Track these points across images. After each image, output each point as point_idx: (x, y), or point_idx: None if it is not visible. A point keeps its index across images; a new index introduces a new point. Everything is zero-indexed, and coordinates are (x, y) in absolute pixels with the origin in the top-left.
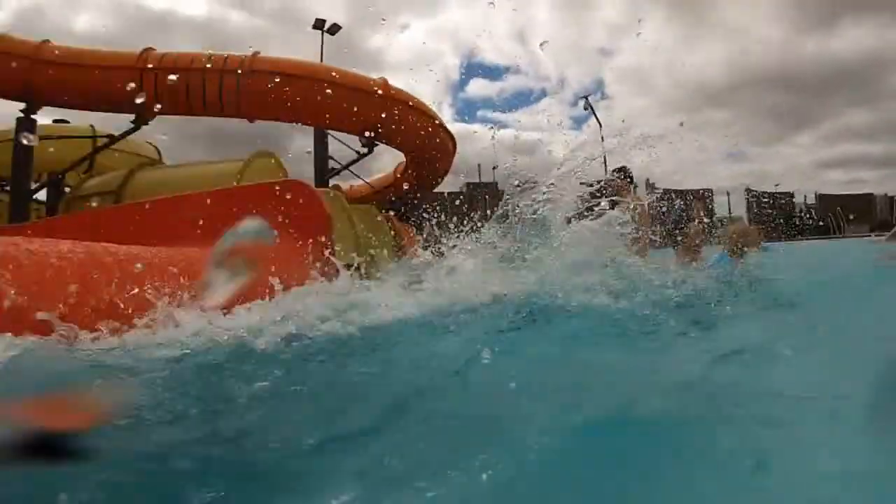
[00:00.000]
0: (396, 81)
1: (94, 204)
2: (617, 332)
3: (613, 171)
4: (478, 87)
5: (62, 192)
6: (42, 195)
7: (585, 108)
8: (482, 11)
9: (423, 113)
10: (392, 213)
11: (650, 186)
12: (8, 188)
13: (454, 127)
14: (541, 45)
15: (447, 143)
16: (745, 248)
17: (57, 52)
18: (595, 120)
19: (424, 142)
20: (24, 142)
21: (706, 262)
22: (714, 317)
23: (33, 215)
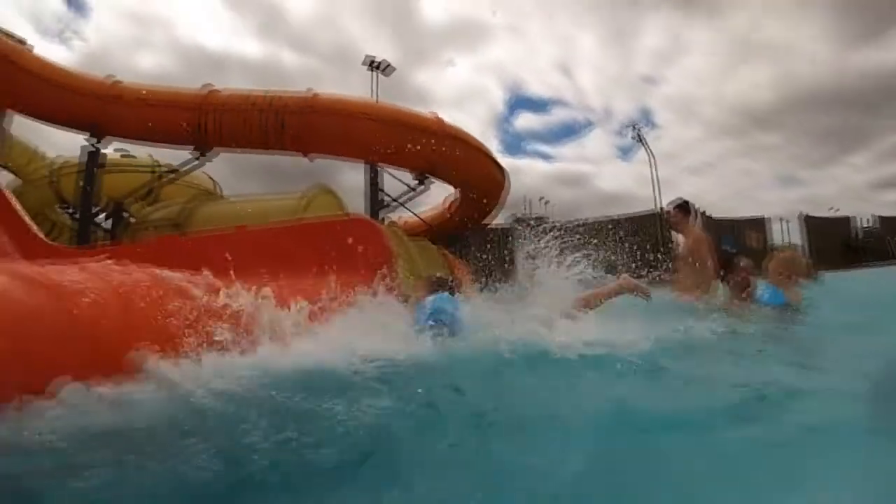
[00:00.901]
0: (444, 117)
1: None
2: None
3: (671, 205)
4: (524, 121)
5: (123, 219)
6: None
7: (634, 139)
8: (526, 46)
9: (475, 148)
10: (444, 246)
11: (701, 216)
12: (74, 214)
13: (501, 161)
14: (633, 130)
15: (499, 177)
16: (795, 280)
17: (123, 88)
18: (644, 149)
19: (476, 176)
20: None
21: (757, 297)
22: None
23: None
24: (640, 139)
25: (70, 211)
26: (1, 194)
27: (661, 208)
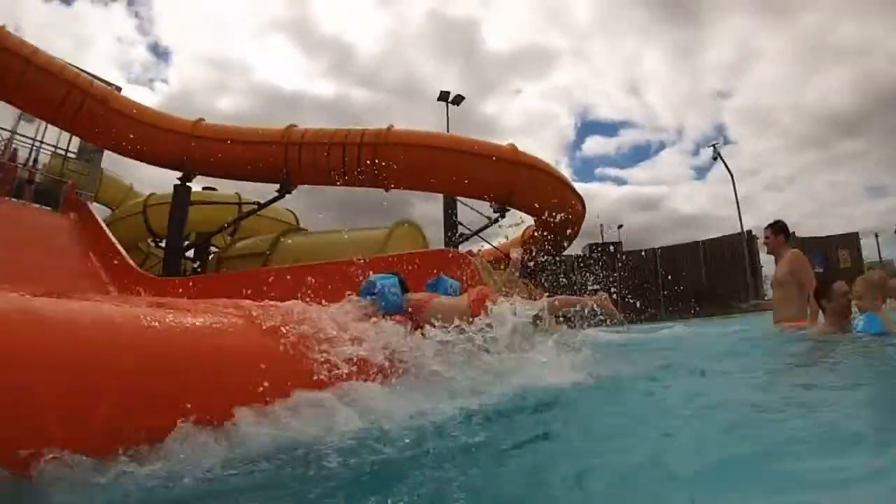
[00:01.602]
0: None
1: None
2: None
3: (767, 227)
4: (594, 145)
5: (208, 251)
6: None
7: (714, 158)
8: (591, 69)
9: (552, 176)
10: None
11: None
12: (163, 245)
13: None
14: (713, 149)
15: (577, 205)
16: (887, 303)
17: (209, 128)
18: (723, 167)
19: (554, 205)
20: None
21: (854, 325)
22: None
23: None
24: (718, 157)
25: (159, 242)
26: (98, 226)
27: (749, 231)
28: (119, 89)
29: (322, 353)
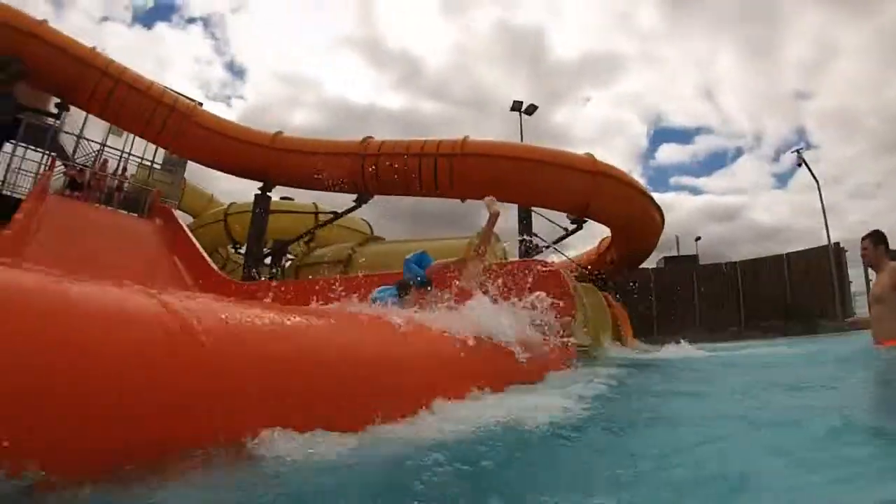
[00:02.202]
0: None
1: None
2: None
3: (865, 238)
4: (668, 153)
5: (284, 258)
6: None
7: (799, 164)
8: (663, 73)
9: (630, 186)
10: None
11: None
12: (241, 251)
13: None
14: (797, 154)
15: (655, 217)
16: None
17: (287, 140)
18: (806, 174)
19: (632, 216)
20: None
21: None
22: None
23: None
24: (803, 163)
25: (238, 248)
26: (182, 231)
27: (837, 243)
28: (200, 104)
29: None
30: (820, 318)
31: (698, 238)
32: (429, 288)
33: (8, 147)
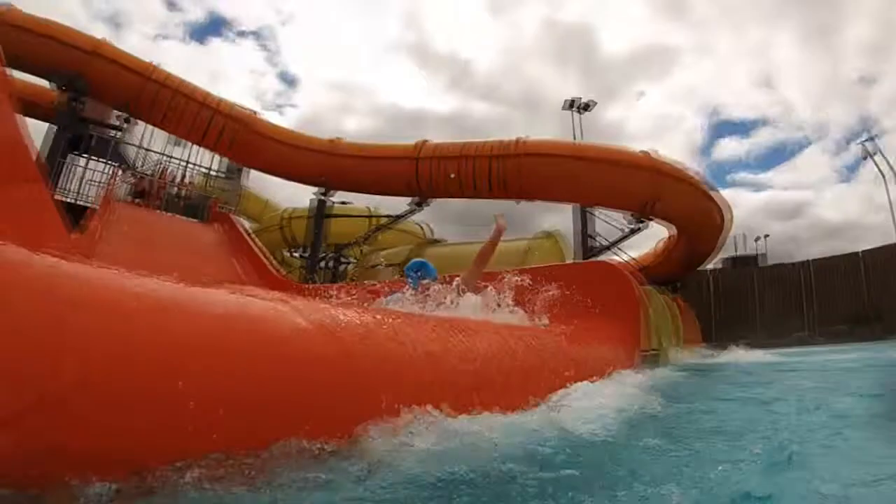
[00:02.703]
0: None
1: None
2: None
3: None
4: (727, 147)
5: (341, 261)
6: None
7: (864, 157)
8: (718, 64)
9: (693, 184)
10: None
11: None
12: (301, 255)
13: None
14: (862, 146)
15: (719, 214)
16: None
17: (345, 146)
18: (874, 166)
19: (694, 214)
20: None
21: None
22: None
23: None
24: (869, 156)
25: (296, 252)
26: (242, 236)
27: None
28: (255, 113)
29: None
30: None
31: (766, 236)
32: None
33: (75, 158)
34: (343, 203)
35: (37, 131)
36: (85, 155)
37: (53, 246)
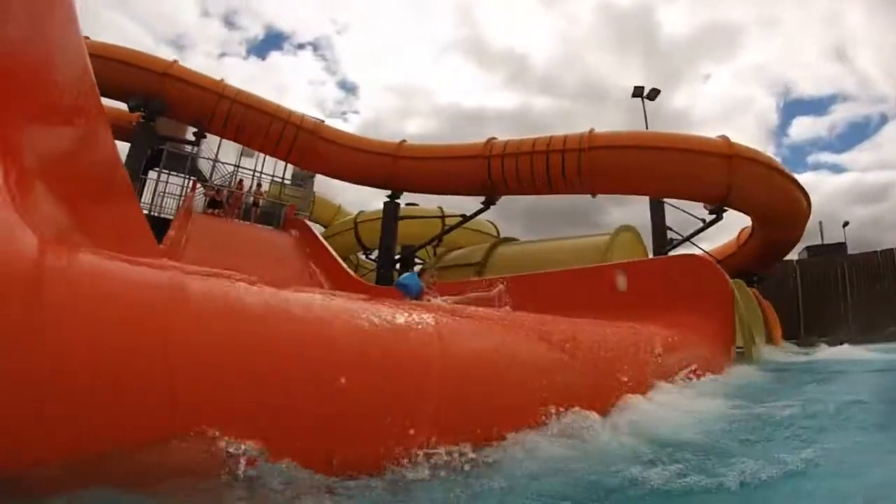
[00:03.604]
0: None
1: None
2: None
3: None
4: (802, 128)
5: (413, 263)
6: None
7: None
8: (786, 38)
9: (773, 170)
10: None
11: None
12: (371, 257)
13: None
14: None
15: (801, 203)
16: None
17: (413, 148)
18: None
19: (776, 203)
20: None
21: None
22: None
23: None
24: None
25: (368, 254)
26: (317, 240)
27: None
28: (322, 122)
29: None
30: None
31: (846, 223)
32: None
33: (153, 174)
34: (409, 205)
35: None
36: (163, 170)
37: (145, 257)
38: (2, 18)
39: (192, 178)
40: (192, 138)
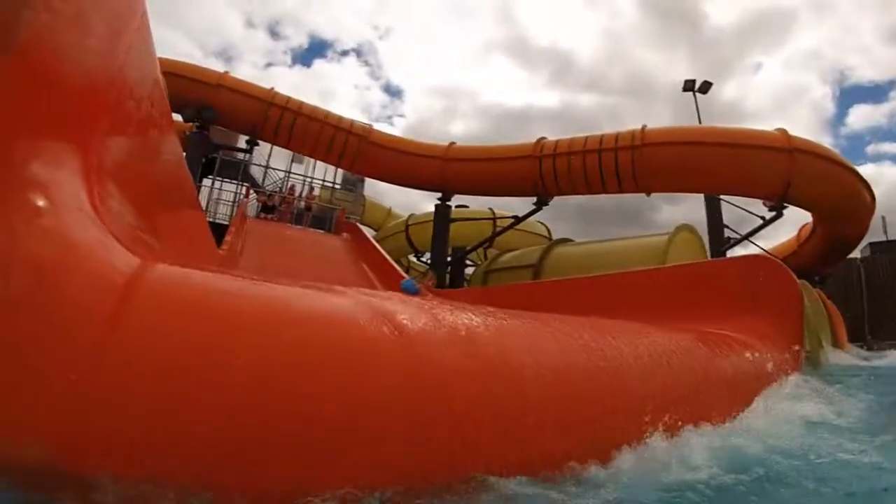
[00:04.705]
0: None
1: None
2: None
3: None
4: (861, 116)
5: (464, 265)
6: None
7: None
8: (840, 21)
9: (834, 163)
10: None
11: None
12: (423, 259)
13: None
14: None
15: (865, 196)
16: None
17: (462, 150)
18: None
19: (839, 197)
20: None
21: None
22: None
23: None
24: None
25: (420, 257)
26: (369, 243)
27: None
28: (371, 126)
29: None
30: None
31: None
32: None
33: (207, 181)
34: (459, 206)
35: None
36: (216, 177)
37: (208, 261)
38: (83, 32)
39: (244, 184)
40: (245, 146)
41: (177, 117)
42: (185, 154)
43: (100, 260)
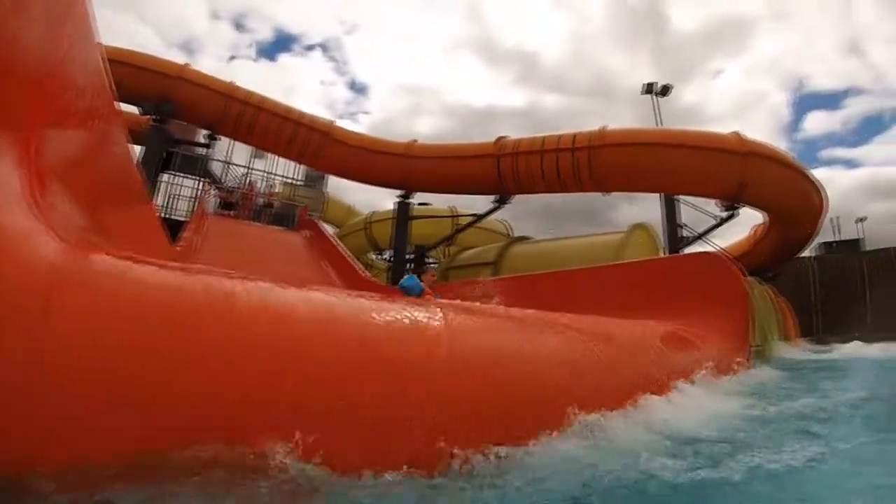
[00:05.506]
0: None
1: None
2: None
3: None
4: (816, 122)
5: (425, 262)
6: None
7: None
8: (799, 31)
9: (786, 165)
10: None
11: None
12: (383, 257)
13: None
14: None
15: (816, 198)
16: None
17: (424, 148)
18: None
19: (789, 198)
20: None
21: None
22: None
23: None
24: None
25: (380, 254)
26: (329, 241)
27: None
28: (333, 123)
29: None
30: None
31: (862, 219)
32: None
33: (166, 176)
34: (421, 204)
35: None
36: (175, 172)
37: (159, 257)
38: (20, 23)
39: (204, 180)
40: (204, 141)
41: (135, 110)
42: (143, 148)
43: (28, 251)
